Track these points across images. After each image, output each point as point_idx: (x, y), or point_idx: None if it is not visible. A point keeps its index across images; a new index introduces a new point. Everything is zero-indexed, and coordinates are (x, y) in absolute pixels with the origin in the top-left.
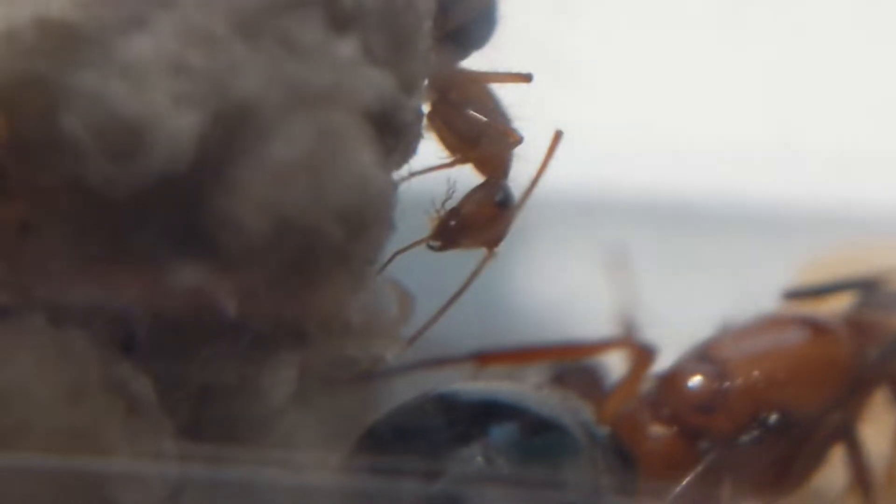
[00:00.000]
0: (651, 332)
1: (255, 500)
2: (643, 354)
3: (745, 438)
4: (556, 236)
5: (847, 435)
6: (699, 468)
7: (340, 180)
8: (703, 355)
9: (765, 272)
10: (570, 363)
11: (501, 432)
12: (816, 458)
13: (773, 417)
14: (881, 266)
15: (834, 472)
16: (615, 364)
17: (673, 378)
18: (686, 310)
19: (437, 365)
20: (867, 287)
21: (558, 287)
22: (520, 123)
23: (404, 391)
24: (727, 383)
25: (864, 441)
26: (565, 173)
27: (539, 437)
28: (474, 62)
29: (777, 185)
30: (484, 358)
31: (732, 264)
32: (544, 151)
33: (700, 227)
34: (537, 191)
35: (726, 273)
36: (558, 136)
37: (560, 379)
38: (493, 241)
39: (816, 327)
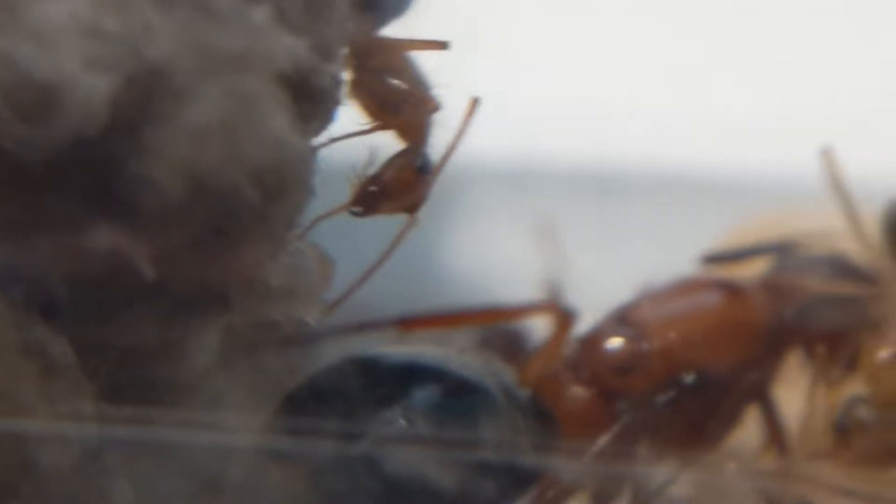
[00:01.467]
0: (579, 297)
1: (176, 462)
2: (564, 318)
3: (661, 398)
4: (487, 204)
5: (761, 395)
6: (615, 428)
7: (255, 143)
8: (621, 318)
9: (693, 238)
10: (495, 327)
11: (422, 394)
12: (731, 418)
13: (689, 378)
14: (801, 230)
15: (749, 431)
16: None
17: (592, 340)
18: (615, 275)
19: (362, 329)
20: (783, 251)
21: (489, 254)
22: (440, 90)
23: (332, 355)
24: (644, 345)
25: (779, 401)
26: (496, 142)
27: (459, 398)
28: (394, 30)
29: (702, 152)
30: (407, 323)
31: (661, 230)
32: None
33: (629, 194)
34: (468, 159)
35: (655, 239)
36: (475, 103)
37: (485, 342)
38: (412, 207)
39: (731, 290)
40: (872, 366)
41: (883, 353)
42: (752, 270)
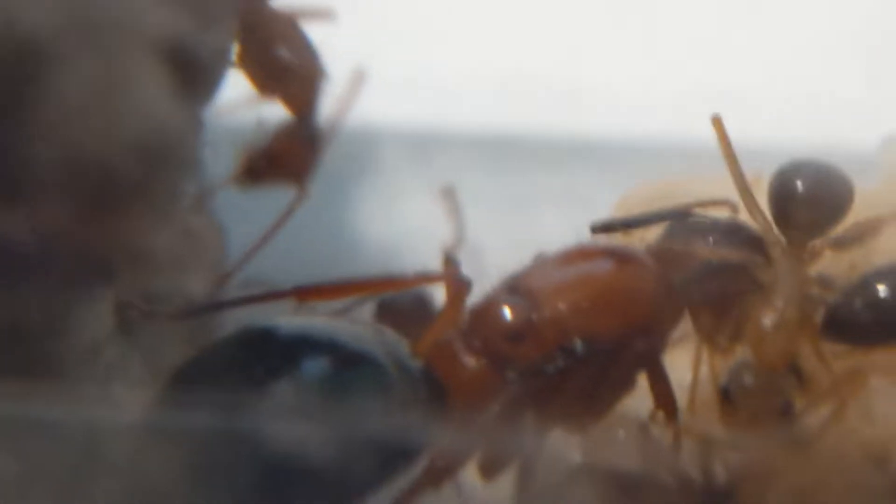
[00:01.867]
0: (480, 264)
1: (59, 438)
2: (458, 287)
3: (551, 367)
4: (395, 170)
5: (651, 362)
6: (504, 397)
7: (132, 115)
8: (512, 287)
9: (598, 204)
10: (398, 295)
11: (311, 367)
12: (621, 386)
13: (579, 346)
14: (695, 197)
15: (641, 398)
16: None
17: (482, 309)
18: (520, 242)
19: (258, 300)
20: (675, 218)
21: (395, 222)
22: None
23: (228, 326)
24: (534, 313)
25: (669, 368)
26: (400, 110)
27: (349, 370)
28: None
29: (604, 119)
30: (303, 292)
31: (566, 197)
32: (349, 90)
33: (534, 161)
34: (376, 126)
35: (560, 206)
36: (360, 75)
37: (387, 311)
38: (300, 178)
39: (621, 257)
40: (756, 332)
41: (766, 319)
42: (647, 238)
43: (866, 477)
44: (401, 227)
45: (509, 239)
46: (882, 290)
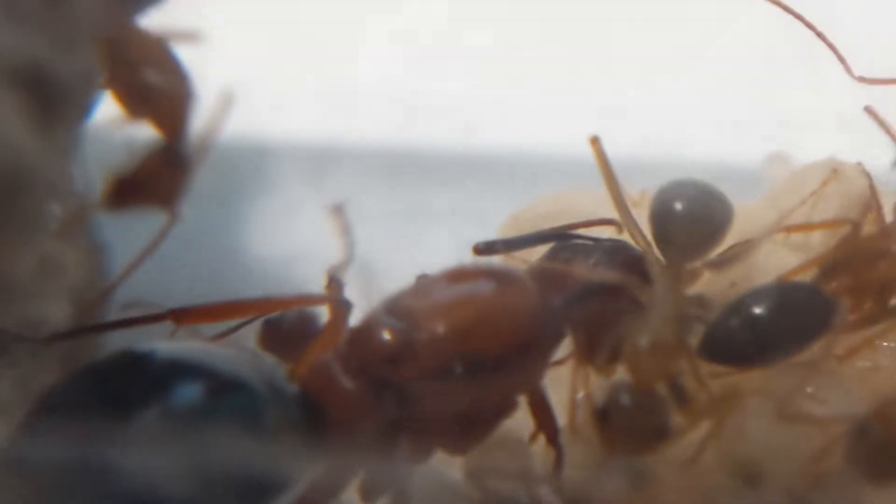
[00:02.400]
0: (373, 283)
1: None
2: (339, 309)
3: (429, 390)
4: (285, 189)
5: (531, 384)
6: (383, 419)
7: None
8: (391, 308)
9: (491, 221)
10: (283, 316)
11: (178, 393)
12: (501, 408)
13: (458, 368)
14: (587, 214)
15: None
16: None
17: (361, 331)
18: (416, 259)
19: (133, 324)
20: (557, 238)
21: (287, 240)
22: (195, 82)
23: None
24: (413, 335)
25: (552, 388)
26: (294, 127)
27: (220, 396)
28: (150, 20)
29: (497, 135)
30: (180, 315)
31: (460, 214)
32: (215, 111)
33: (428, 178)
34: (270, 142)
35: (453, 222)
36: (227, 97)
37: (271, 332)
38: (168, 201)
39: (501, 279)
40: (632, 352)
41: (641, 340)
42: (530, 258)
43: (740, 495)
44: (293, 244)
45: (402, 256)
46: (757, 311)
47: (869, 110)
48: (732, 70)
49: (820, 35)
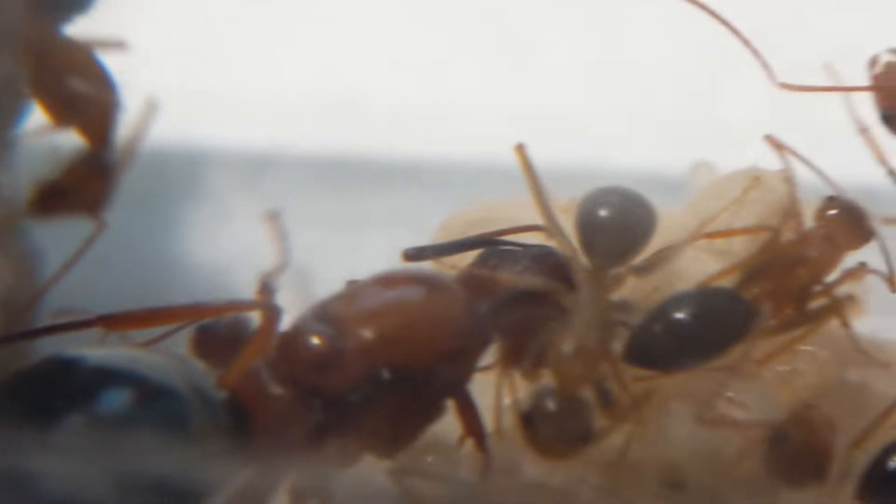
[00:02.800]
0: (315, 289)
1: None
2: (269, 315)
3: (357, 395)
4: (222, 196)
5: (458, 389)
6: (312, 425)
7: None
8: (320, 315)
9: (427, 226)
10: (215, 322)
11: (107, 399)
12: (429, 413)
13: (386, 374)
14: (518, 221)
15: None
16: None
17: (289, 338)
18: (352, 265)
19: (64, 330)
20: (487, 245)
21: (223, 247)
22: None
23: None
24: (341, 342)
25: (481, 393)
26: (232, 134)
27: (147, 402)
28: (76, 28)
29: (438, 141)
30: (110, 321)
31: (396, 219)
32: (139, 118)
33: (365, 184)
34: (206, 149)
35: (389, 228)
36: (151, 104)
37: (203, 338)
38: (93, 209)
39: (429, 285)
40: (556, 357)
41: (564, 345)
42: (460, 264)
43: (663, 498)
44: (227, 251)
45: (338, 262)
46: (678, 316)
47: (770, 139)
48: (662, 79)
49: (745, 41)
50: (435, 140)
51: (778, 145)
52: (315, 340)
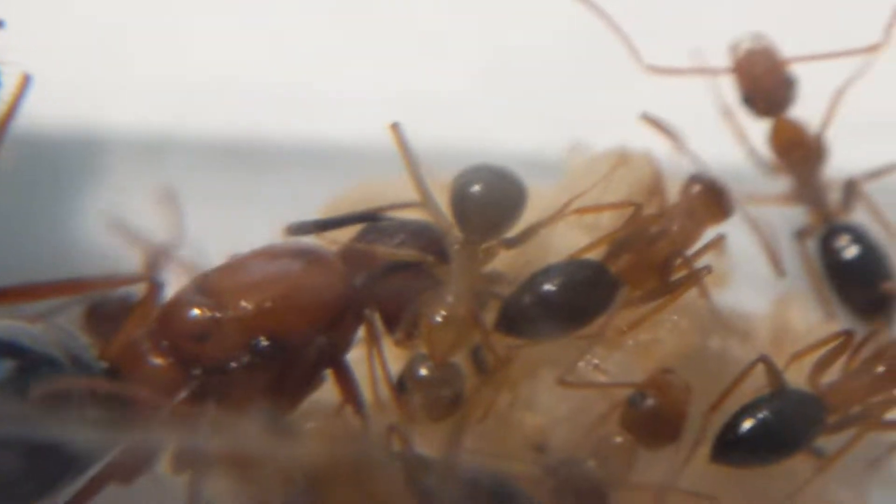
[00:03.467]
0: (209, 264)
1: None
2: (150, 288)
3: (236, 364)
4: (119, 176)
5: (334, 359)
6: (192, 394)
7: None
8: (200, 286)
9: (317, 205)
10: (106, 297)
11: None
12: (307, 382)
13: (264, 343)
14: (404, 199)
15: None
16: None
17: (169, 309)
18: (245, 243)
19: None
20: (367, 220)
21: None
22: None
23: None
24: (219, 313)
25: (352, 364)
26: (128, 116)
27: (26, 371)
28: None
29: (328, 122)
30: None
31: (290, 198)
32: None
33: (259, 163)
34: (101, 129)
35: (284, 206)
36: (26, 79)
37: (94, 313)
38: None
39: (306, 258)
40: (427, 327)
41: (435, 315)
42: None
43: (527, 461)
44: (128, 230)
45: (232, 240)
46: (547, 287)
47: (645, 116)
48: (542, 64)
49: (614, 28)
50: (324, 121)
51: (654, 124)
52: (194, 311)
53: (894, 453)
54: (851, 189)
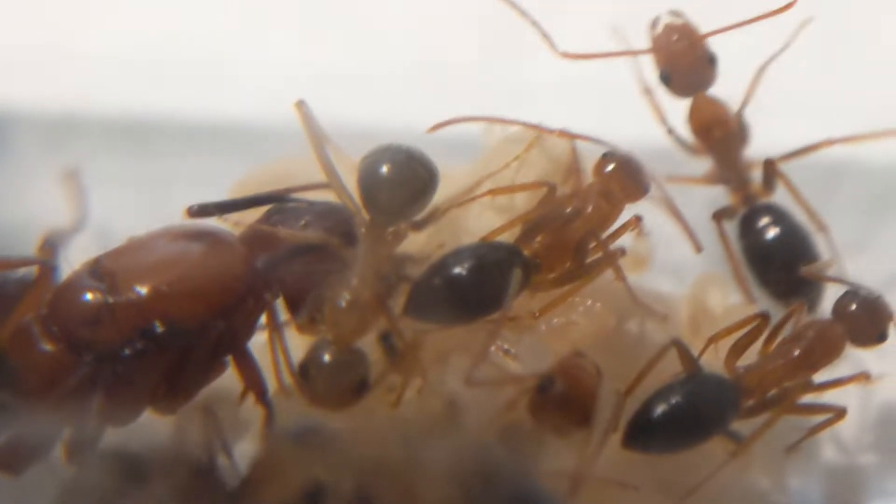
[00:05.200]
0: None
1: None
2: (43, 271)
3: (128, 350)
4: (24, 156)
5: (234, 345)
6: (85, 380)
7: None
8: (94, 269)
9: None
10: (3, 281)
11: None
12: (207, 369)
13: (159, 329)
14: (314, 178)
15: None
16: None
17: (60, 293)
18: (151, 225)
19: None
20: (272, 202)
21: (23, 206)
22: None
23: None
24: (112, 296)
25: (251, 349)
26: (34, 94)
27: None
28: None
29: (241, 100)
30: None
31: (199, 179)
32: None
33: (169, 143)
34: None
35: (192, 187)
36: None
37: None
38: None
39: (205, 239)
40: (331, 310)
41: (339, 299)
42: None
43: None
44: (29, 211)
45: (140, 222)
46: (456, 270)
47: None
48: (457, 39)
49: (524, 15)
50: (231, 101)
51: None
52: (86, 295)
53: (811, 438)
54: (770, 169)
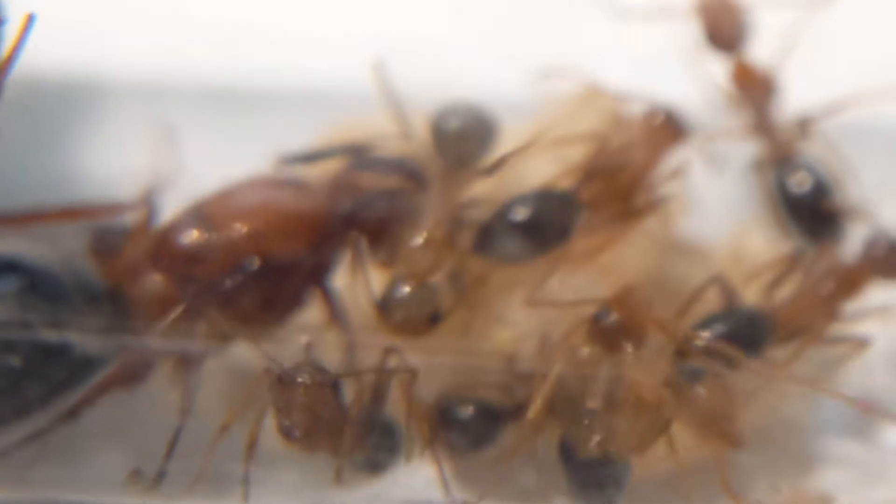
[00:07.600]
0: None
1: None
2: (147, 212)
3: (228, 282)
4: (119, 114)
5: (319, 279)
6: (187, 311)
7: None
8: (195, 212)
9: (297, 141)
10: (110, 225)
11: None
12: (294, 300)
13: (255, 264)
14: (372, 134)
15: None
16: None
17: (166, 232)
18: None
19: None
20: (353, 152)
21: (122, 162)
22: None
23: None
24: (213, 235)
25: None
26: (127, 60)
27: (32, 287)
28: None
29: (312, 63)
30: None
31: (275, 135)
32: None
33: (249, 103)
34: (101, 70)
35: (267, 143)
36: (29, 18)
37: (100, 239)
38: None
39: (292, 186)
40: (407, 249)
41: (414, 239)
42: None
43: (501, 372)
44: (129, 165)
45: (227, 173)
46: (519, 212)
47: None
48: (510, 12)
49: None
50: (313, 62)
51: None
52: (189, 233)
53: (840, 367)
54: (805, 124)
